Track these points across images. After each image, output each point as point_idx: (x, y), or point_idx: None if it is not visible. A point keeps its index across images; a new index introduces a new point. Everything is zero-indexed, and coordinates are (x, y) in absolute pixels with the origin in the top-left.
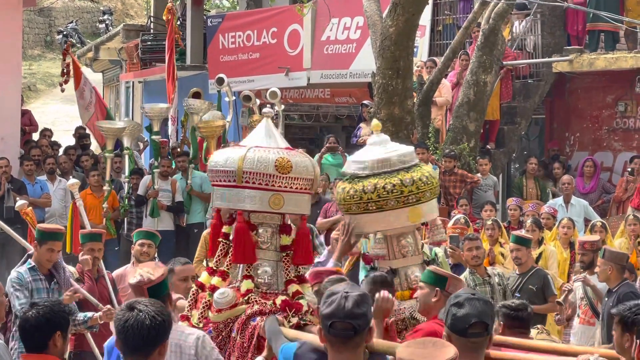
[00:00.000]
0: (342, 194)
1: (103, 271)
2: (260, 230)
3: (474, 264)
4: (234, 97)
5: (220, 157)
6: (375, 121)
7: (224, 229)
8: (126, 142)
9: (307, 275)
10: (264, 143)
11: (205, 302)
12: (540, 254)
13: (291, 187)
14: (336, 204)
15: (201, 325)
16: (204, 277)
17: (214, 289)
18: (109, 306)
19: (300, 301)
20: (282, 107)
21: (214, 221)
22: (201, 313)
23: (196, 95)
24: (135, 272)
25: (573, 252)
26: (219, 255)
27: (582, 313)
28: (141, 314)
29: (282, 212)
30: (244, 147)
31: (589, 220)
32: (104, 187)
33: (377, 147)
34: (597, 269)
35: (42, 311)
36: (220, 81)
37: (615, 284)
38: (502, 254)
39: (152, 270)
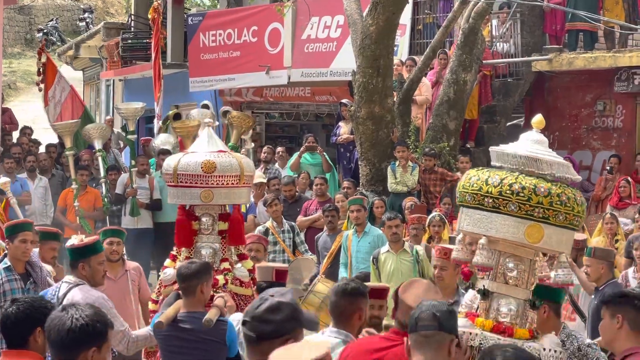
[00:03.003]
0: (464, 181)
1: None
2: (202, 219)
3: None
4: (217, 123)
5: (166, 162)
6: (539, 116)
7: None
8: (97, 145)
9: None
10: (205, 148)
11: (159, 281)
12: None
13: (218, 183)
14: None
15: (160, 298)
16: (167, 261)
17: (165, 269)
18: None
19: (221, 276)
20: (252, 145)
21: (180, 216)
22: (158, 289)
23: (177, 117)
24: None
25: None
26: None
27: (563, 309)
28: (66, 315)
29: (212, 204)
30: (181, 154)
31: None
32: (73, 186)
33: (529, 143)
34: (585, 268)
35: (22, 307)
36: (204, 107)
37: (603, 282)
38: None
39: (83, 238)
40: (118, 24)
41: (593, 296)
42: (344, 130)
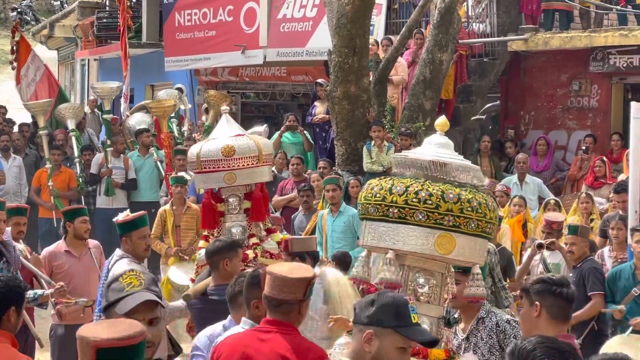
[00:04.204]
0: (365, 192)
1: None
2: (229, 200)
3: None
4: (189, 105)
5: (190, 151)
6: (442, 118)
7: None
8: (70, 125)
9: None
10: (224, 133)
11: (196, 262)
12: None
13: (239, 165)
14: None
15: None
16: (201, 242)
17: (199, 249)
18: (61, 283)
19: (250, 251)
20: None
21: (205, 200)
22: (196, 270)
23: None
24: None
25: (525, 231)
26: None
27: None
28: None
29: (236, 185)
30: (203, 141)
31: (544, 198)
32: (47, 165)
33: (433, 147)
34: (569, 247)
35: None
36: (178, 90)
37: (582, 259)
38: None
39: (129, 213)
40: (93, 3)
41: (571, 274)
42: (319, 110)
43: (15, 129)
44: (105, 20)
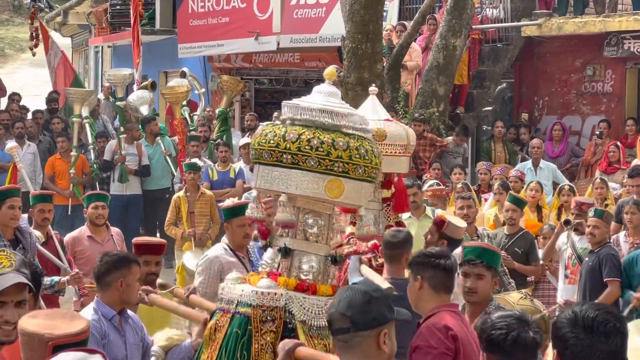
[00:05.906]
0: (259, 137)
1: (51, 233)
2: None
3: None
4: (203, 89)
5: None
6: (330, 68)
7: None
8: (85, 112)
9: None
10: (369, 116)
11: None
12: None
13: (387, 152)
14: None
15: None
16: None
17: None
18: (76, 270)
19: None
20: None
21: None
22: None
23: (182, 75)
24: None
25: (541, 216)
26: None
27: (571, 272)
28: None
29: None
30: None
31: (558, 183)
32: (72, 153)
33: (322, 96)
34: (592, 229)
35: None
36: (182, 74)
37: (602, 244)
38: None
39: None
40: None
41: (587, 258)
42: None
43: (29, 116)
44: (118, 7)
